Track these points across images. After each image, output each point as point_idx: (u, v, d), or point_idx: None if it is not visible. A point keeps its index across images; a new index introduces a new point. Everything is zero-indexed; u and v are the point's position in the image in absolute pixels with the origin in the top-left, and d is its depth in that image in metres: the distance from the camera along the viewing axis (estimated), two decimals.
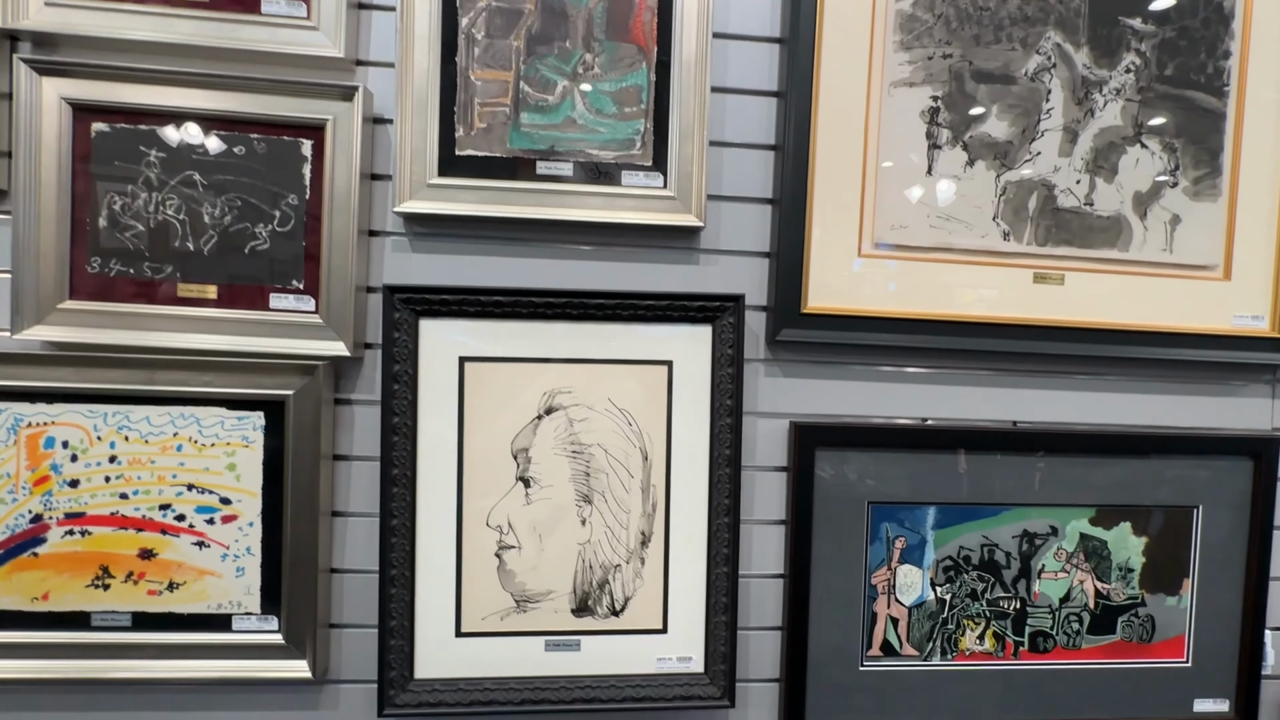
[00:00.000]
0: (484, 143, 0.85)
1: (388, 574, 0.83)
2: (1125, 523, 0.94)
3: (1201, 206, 0.94)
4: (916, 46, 0.89)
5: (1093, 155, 0.92)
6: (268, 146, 0.82)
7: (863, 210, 0.90)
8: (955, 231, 0.91)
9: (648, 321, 0.87)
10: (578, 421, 0.87)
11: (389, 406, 0.83)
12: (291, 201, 0.83)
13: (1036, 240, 0.92)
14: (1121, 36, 0.91)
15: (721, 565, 0.87)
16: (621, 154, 0.87)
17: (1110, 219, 0.93)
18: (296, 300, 0.83)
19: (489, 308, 0.84)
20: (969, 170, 0.91)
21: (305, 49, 0.82)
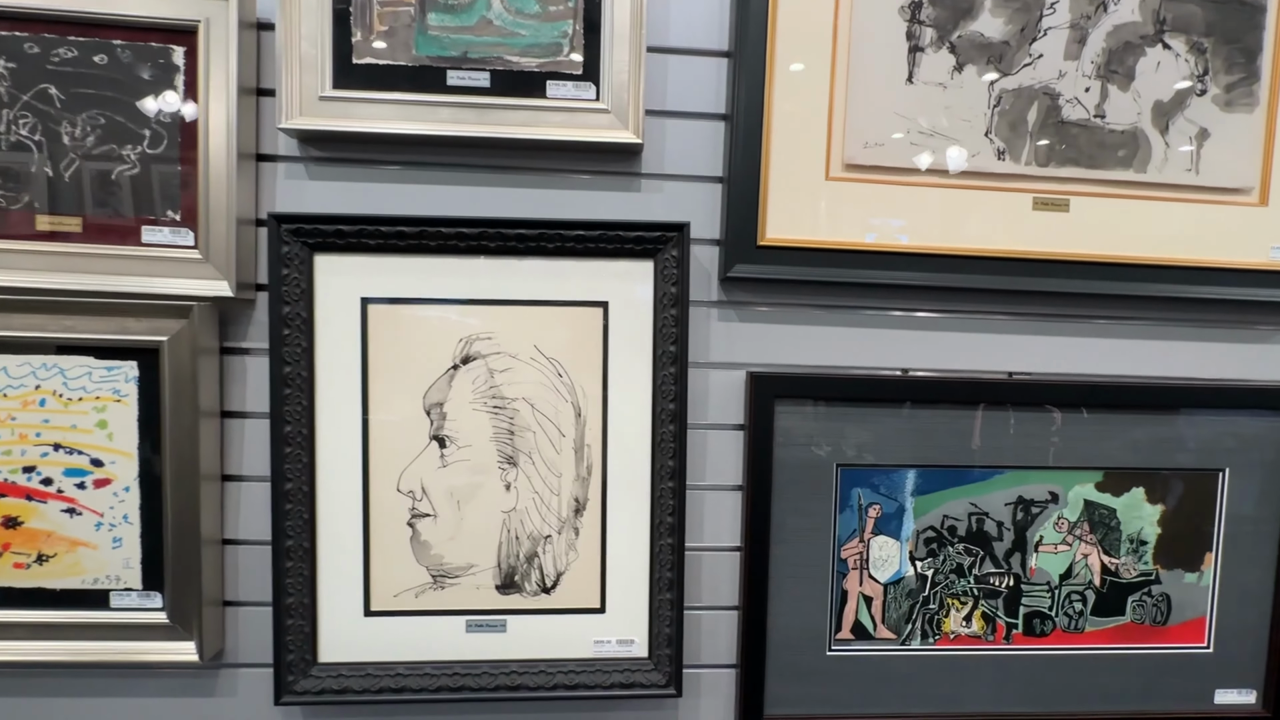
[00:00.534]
0: (386, 49, 0.73)
1: (282, 545, 0.73)
2: (1138, 488, 0.81)
3: (1235, 119, 0.80)
4: None
5: (1105, 58, 0.78)
6: (133, 54, 0.71)
7: (831, 126, 0.77)
8: (941, 150, 0.78)
9: (578, 256, 0.75)
10: (499, 372, 0.76)
11: (279, 354, 0.72)
12: (163, 119, 0.72)
13: (1037, 160, 0.79)
14: None
15: (666, 536, 0.76)
16: (546, 61, 0.74)
17: (1125, 134, 0.79)
18: (173, 233, 0.72)
19: (392, 240, 0.73)
20: (957, 77, 0.77)
21: None
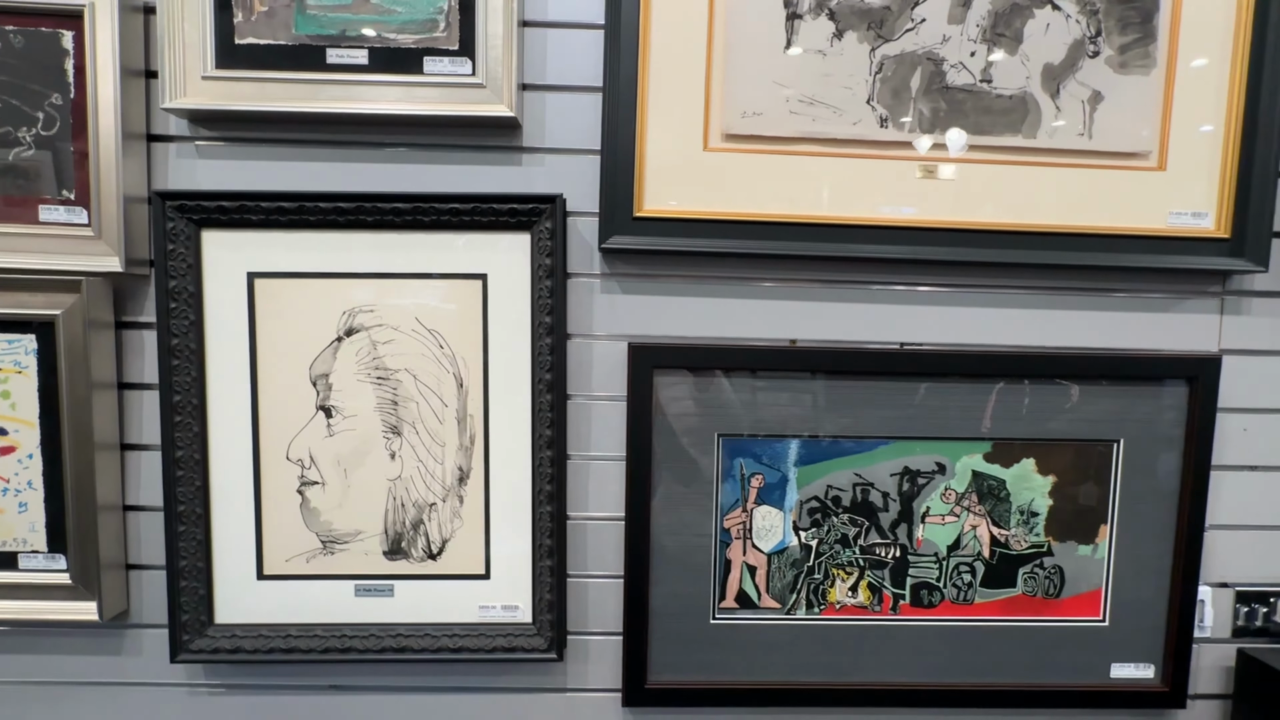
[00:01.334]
0: (266, 29, 0.75)
1: (174, 510, 0.76)
2: (1028, 459, 0.80)
3: (1130, 81, 0.78)
4: None
5: (991, 21, 0.77)
6: (25, 39, 0.74)
7: (708, 96, 0.77)
8: (821, 118, 0.77)
9: (456, 229, 0.76)
10: (382, 344, 0.78)
11: (166, 327, 0.75)
12: (55, 101, 0.75)
13: (921, 126, 0.78)
14: None
15: (546, 504, 0.78)
16: (423, 37, 0.75)
17: (1014, 98, 0.77)
18: (68, 212, 0.76)
19: (274, 215, 0.75)
20: (837, 44, 0.76)
21: None
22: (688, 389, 0.79)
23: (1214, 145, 0.78)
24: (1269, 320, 0.82)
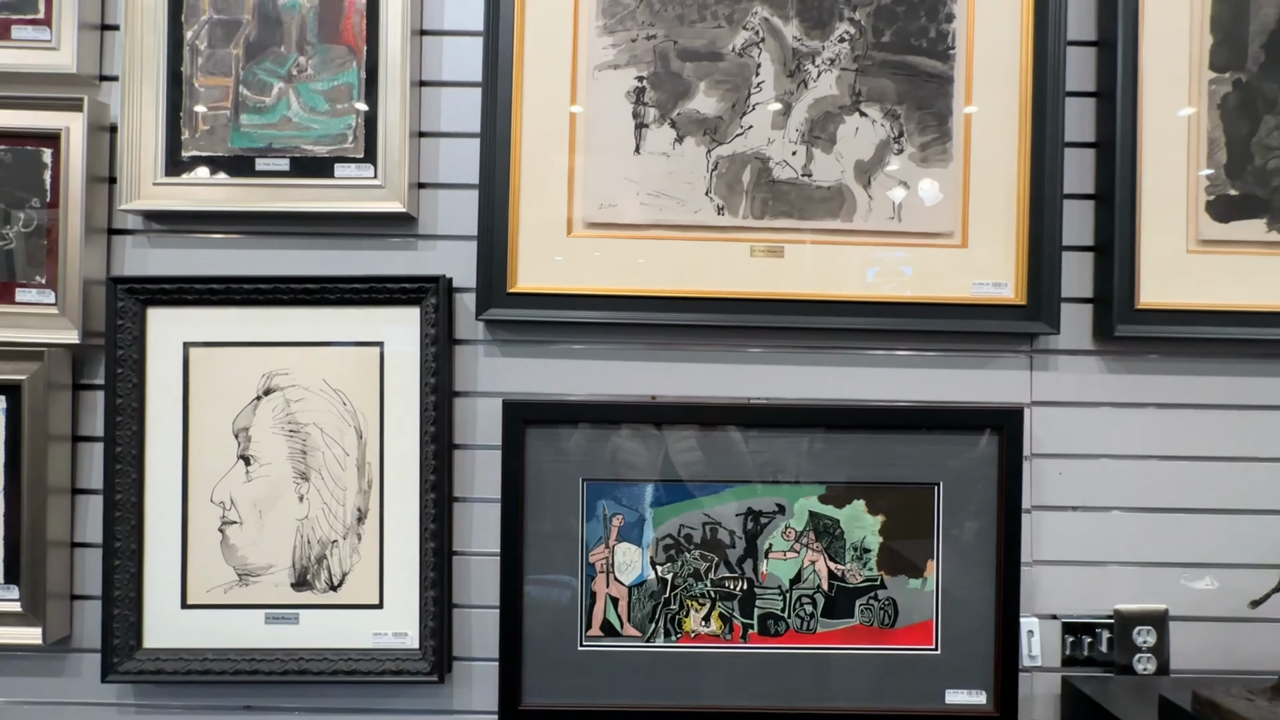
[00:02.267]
0: (207, 143, 0.92)
1: (112, 546, 0.88)
2: (859, 500, 0.90)
3: (931, 173, 0.91)
4: (620, 30, 0.91)
5: (808, 126, 0.91)
6: (13, 156, 0.91)
7: (571, 191, 0.91)
8: (667, 208, 0.91)
9: (357, 305, 0.90)
10: (294, 402, 0.91)
11: (113, 389, 0.89)
12: (35, 205, 0.91)
13: (753, 213, 0.91)
14: (833, 7, 0.91)
15: (430, 541, 0.89)
16: (334, 148, 0.91)
17: (831, 189, 0.91)
18: (39, 294, 0.91)
19: (206, 294, 0.90)
20: (678, 147, 0.91)
21: (48, 68, 0.91)
22: (555, 439, 0.91)
23: (1007, 225, 0.91)
24: (1073, 375, 0.93)
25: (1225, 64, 0.91)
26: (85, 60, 0.92)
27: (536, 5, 0.91)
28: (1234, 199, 0.91)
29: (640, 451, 0.91)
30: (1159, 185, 0.90)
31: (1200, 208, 0.91)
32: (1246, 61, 0.91)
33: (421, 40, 0.94)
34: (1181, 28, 0.91)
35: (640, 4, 0.91)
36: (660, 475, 0.91)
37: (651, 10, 0.91)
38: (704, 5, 0.91)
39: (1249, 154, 0.91)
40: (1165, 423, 0.92)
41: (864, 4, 0.91)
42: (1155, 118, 0.91)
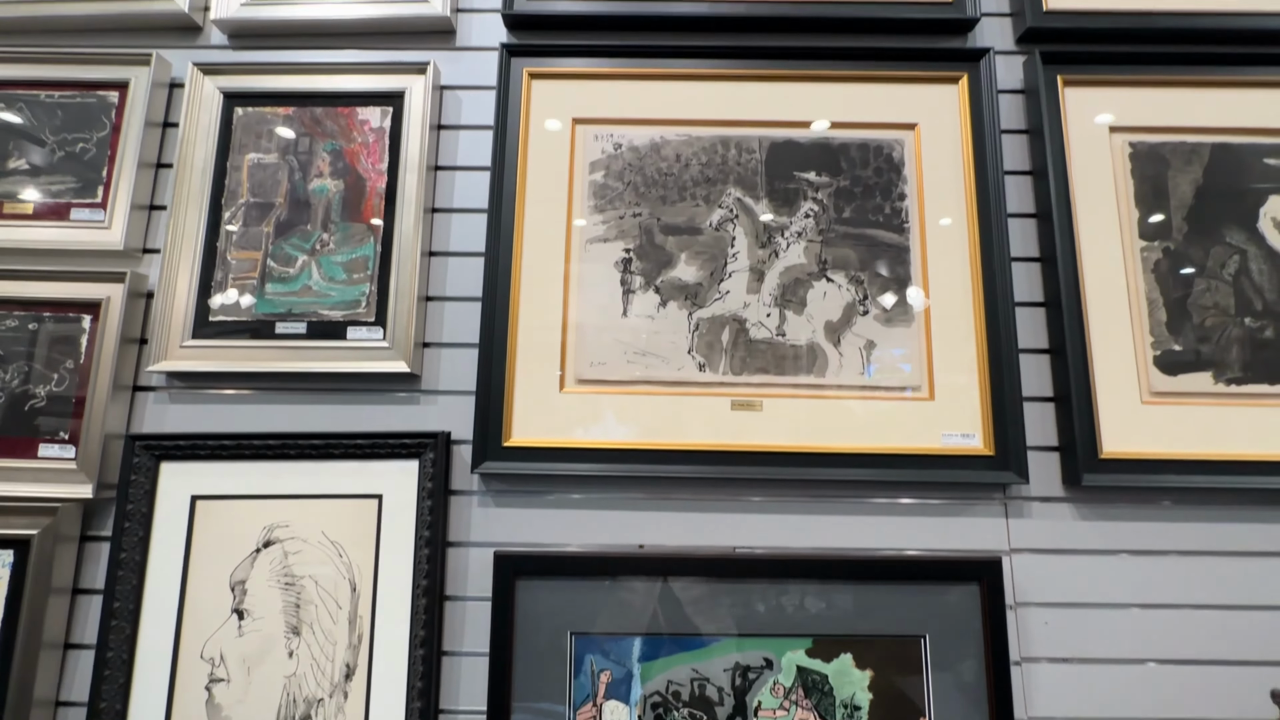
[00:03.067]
0: (234, 310, 1.01)
1: (97, 706, 0.88)
2: (846, 654, 0.90)
3: (896, 331, 0.99)
4: (609, 209, 1.03)
5: (780, 291, 1.00)
6: (55, 324, 1.00)
7: (564, 351, 0.99)
8: (653, 365, 0.98)
9: (360, 459, 0.95)
10: (293, 554, 0.94)
11: (118, 543, 0.92)
12: (69, 366, 0.99)
13: (733, 370, 0.98)
14: (798, 189, 1.03)
15: (416, 700, 0.88)
16: (348, 312, 1.00)
17: (804, 347, 0.99)
18: (61, 449, 0.96)
19: (217, 450, 0.95)
20: (662, 310, 1.00)
21: (99, 245, 1.02)
22: (545, 592, 0.92)
23: (970, 379, 0.97)
24: (1048, 522, 0.96)
25: (1153, 234, 1.01)
26: (132, 236, 1.03)
27: (536, 188, 1.03)
28: (1179, 354, 0.98)
29: (628, 604, 0.92)
30: (1107, 341, 0.98)
31: (1149, 362, 0.98)
32: (1172, 231, 1.01)
33: (432, 217, 1.05)
34: (1109, 202, 1.02)
35: (627, 187, 1.03)
36: (647, 628, 0.91)
37: (637, 193, 1.03)
38: (683, 188, 1.03)
39: (1186, 313, 0.99)
40: (1140, 570, 0.94)
41: (825, 186, 1.03)
42: (1096, 281, 0.99)
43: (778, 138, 1.04)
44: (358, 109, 1.06)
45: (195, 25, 1.11)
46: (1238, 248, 1.01)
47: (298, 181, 1.04)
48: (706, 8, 1.08)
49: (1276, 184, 1.02)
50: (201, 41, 1.12)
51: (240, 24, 1.09)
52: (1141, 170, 1.03)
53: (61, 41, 1.11)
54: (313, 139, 1.05)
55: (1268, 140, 1.04)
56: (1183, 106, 1.05)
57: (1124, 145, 1.04)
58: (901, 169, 1.03)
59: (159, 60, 1.07)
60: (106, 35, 1.12)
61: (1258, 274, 1.00)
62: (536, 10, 1.08)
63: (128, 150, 1.04)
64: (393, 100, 1.06)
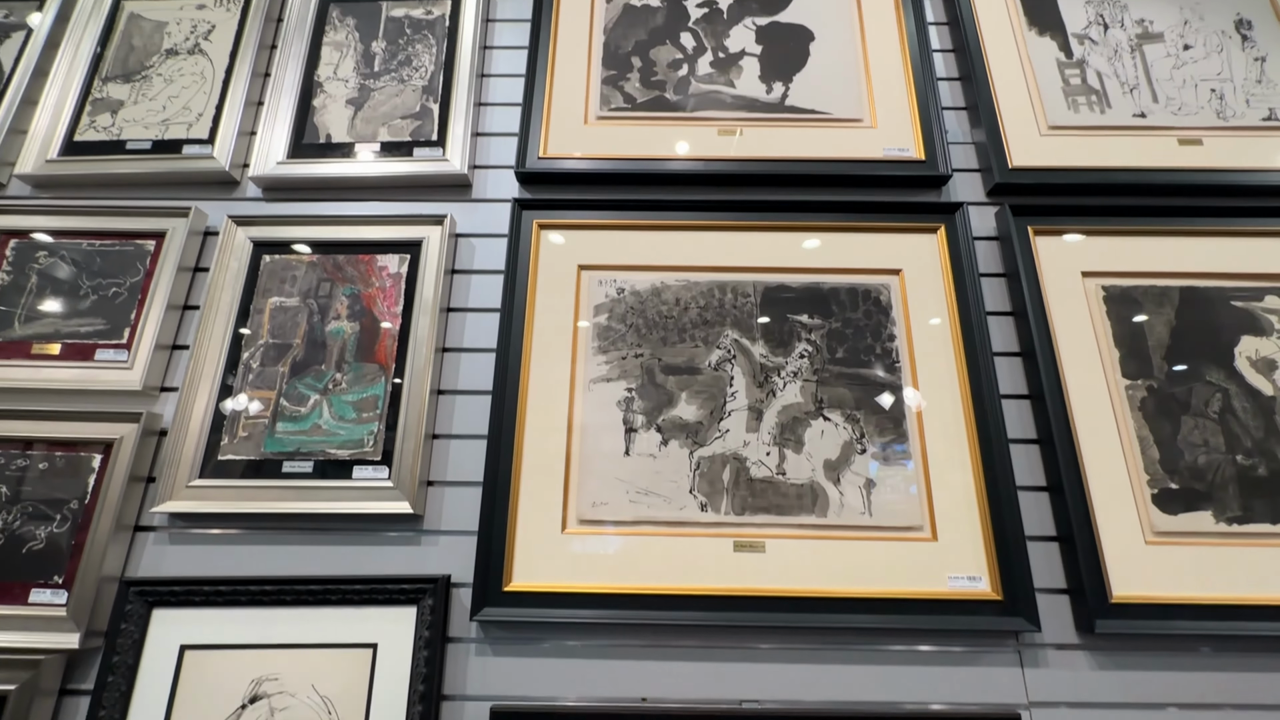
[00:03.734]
0: (243, 448, 1.03)
1: None
2: None
3: (894, 470, 1.00)
4: (612, 350, 1.07)
5: (779, 430, 1.02)
6: (66, 463, 1.01)
7: (567, 490, 1.00)
8: (655, 505, 0.99)
9: (356, 605, 0.94)
10: (279, 711, 0.89)
11: (98, 700, 0.88)
12: (73, 506, 0.99)
13: (735, 510, 0.99)
14: (792, 330, 1.08)
15: None
16: (355, 451, 1.02)
17: (804, 486, 1.00)
18: (53, 594, 0.95)
19: (212, 596, 0.93)
20: (664, 449, 1.02)
21: (118, 384, 1.06)
22: None
23: (971, 518, 0.97)
24: (1065, 671, 0.93)
25: (1135, 373, 1.05)
26: (152, 375, 1.07)
27: (543, 329, 1.08)
28: (1176, 492, 0.99)
29: None
30: (1104, 480, 0.99)
31: (1147, 500, 0.99)
32: (1153, 370, 1.05)
33: (442, 356, 1.10)
34: (1090, 343, 1.07)
35: (630, 329, 1.08)
36: None
37: (639, 334, 1.08)
38: (683, 329, 1.08)
39: (1179, 451, 1.01)
40: None
41: (818, 328, 1.08)
42: (1086, 418, 1.02)
43: (771, 282, 1.11)
44: (377, 256, 1.13)
45: (233, 180, 1.21)
46: (1219, 386, 1.04)
47: (316, 323, 1.09)
48: (701, 165, 1.18)
49: (1245, 324, 1.08)
50: (237, 194, 1.21)
51: (275, 179, 1.19)
52: (1117, 312, 1.09)
53: (109, 194, 1.21)
54: (333, 284, 1.12)
55: (1231, 284, 1.10)
56: (1148, 253, 1.12)
57: (1097, 289, 1.10)
58: (890, 311, 1.09)
59: (196, 212, 1.16)
60: (150, 188, 1.22)
61: (1242, 411, 1.03)
62: (546, 168, 1.18)
63: (157, 294, 1.11)
64: (411, 248, 1.13)
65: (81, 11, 1.34)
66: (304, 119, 1.24)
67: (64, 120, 1.24)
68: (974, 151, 1.24)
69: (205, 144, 1.21)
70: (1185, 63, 1.27)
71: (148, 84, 1.28)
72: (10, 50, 1.32)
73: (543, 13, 1.31)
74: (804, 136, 1.21)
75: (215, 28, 1.32)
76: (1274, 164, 1.17)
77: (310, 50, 1.30)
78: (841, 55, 1.27)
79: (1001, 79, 1.25)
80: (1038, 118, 1.22)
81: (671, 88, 1.25)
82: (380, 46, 1.30)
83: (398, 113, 1.24)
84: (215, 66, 1.28)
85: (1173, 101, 1.23)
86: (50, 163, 1.21)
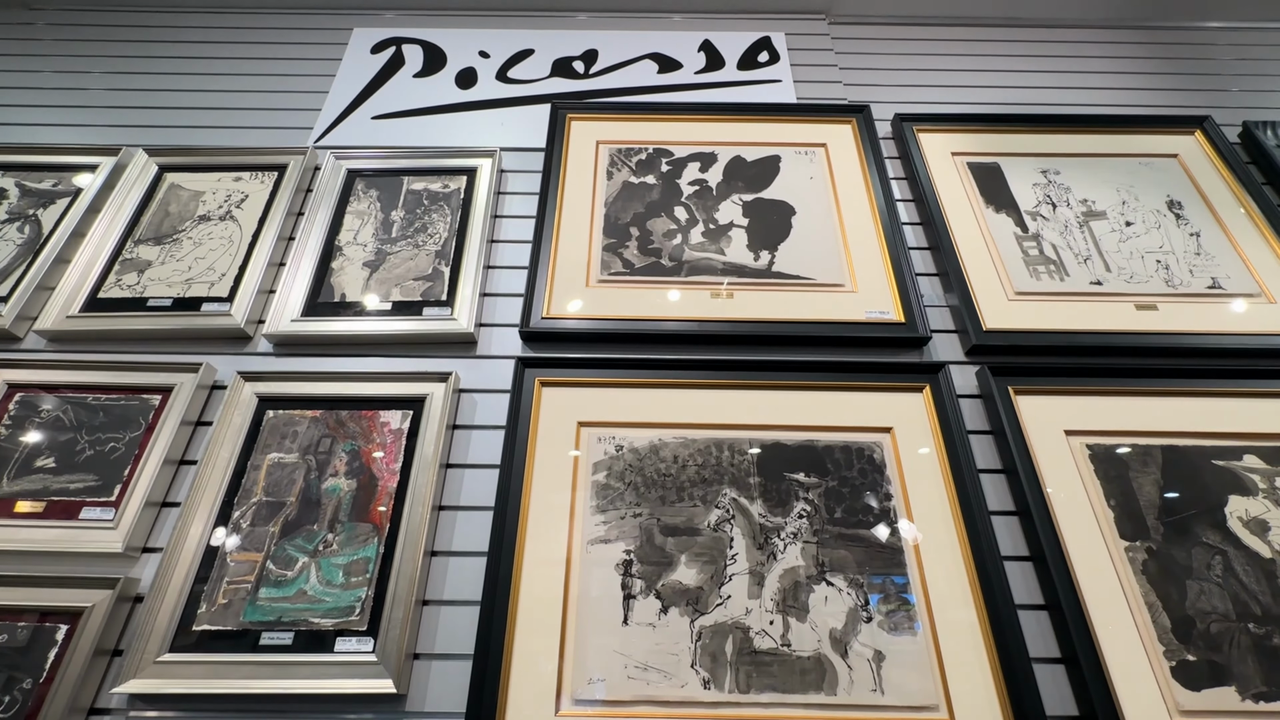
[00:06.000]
0: (221, 617, 0.97)
1: None
2: None
3: (902, 640, 0.97)
4: (610, 509, 1.07)
5: (781, 595, 1.00)
6: (30, 634, 0.95)
7: (561, 664, 0.94)
8: (654, 681, 0.93)
9: None
10: None
11: None
12: (26, 685, 0.92)
13: (738, 687, 0.93)
14: (790, 489, 1.09)
15: None
16: (340, 620, 0.97)
17: (811, 659, 0.95)
18: None
19: None
20: (663, 617, 0.98)
21: (99, 546, 1.02)
22: None
23: (989, 697, 0.92)
24: None
25: (1132, 534, 1.05)
26: (135, 536, 1.04)
27: (541, 488, 1.08)
28: (1195, 664, 0.95)
29: None
30: (1120, 651, 0.95)
31: (1168, 675, 0.95)
32: (1149, 531, 1.06)
33: (439, 514, 1.08)
34: (1083, 501, 1.08)
35: (628, 488, 1.08)
36: None
37: (638, 493, 1.08)
38: (681, 488, 1.08)
39: (1189, 619, 0.99)
40: None
41: (815, 486, 1.09)
42: (1091, 582, 1.01)
43: (767, 440, 1.13)
44: (380, 412, 1.15)
45: (246, 336, 1.26)
46: (1216, 548, 1.04)
47: (313, 480, 1.09)
48: (695, 326, 1.25)
49: (1230, 484, 1.10)
50: (249, 349, 1.26)
51: (288, 336, 1.24)
52: (1105, 471, 1.11)
53: (124, 349, 1.24)
54: (334, 439, 1.13)
55: (1209, 443, 1.14)
56: (1126, 412, 1.17)
57: (1082, 447, 1.14)
58: (884, 469, 1.11)
59: (206, 367, 1.19)
60: (165, 344, 1.26)
61: (1244, 575, 1.02)
62: (549, 328, 1.25)
63: (155, 448, 1.10)
64: (415, 404, 1.16)
65: (126, 180, 1.46)
66: (321, 279, 1.31)
67: (91, 278, 1.31)
68: (949, 314, 1.33)
69: (224, 302, 1.27)
70: (1129, 237, 1.41)
71: (177, 246, 1.36)
72: (54, 213, 1.42)
73: (549, 187, 1.45)
74: (791, 300, 1.29)
75: (248, 197, 1.44)
76: (1225, 328, 1.27)
77: (334, 217, 1.41)
78: (821, 227, 1.40)
79: (967, 249, 1.37)
80: (1004, 284, 1.32)
81: (667, 254, 1.35)
82: (399, 215, 1.42)
83: (411, 274, 1.32)
84: (243, 231, 1.38)
85: (1124, 271, 1.35)
86: (70, 318, 1.25)
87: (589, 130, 1.56)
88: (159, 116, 1.64)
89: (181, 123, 1.62)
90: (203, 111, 1.65)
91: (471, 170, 1.48)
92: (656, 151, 1.53)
